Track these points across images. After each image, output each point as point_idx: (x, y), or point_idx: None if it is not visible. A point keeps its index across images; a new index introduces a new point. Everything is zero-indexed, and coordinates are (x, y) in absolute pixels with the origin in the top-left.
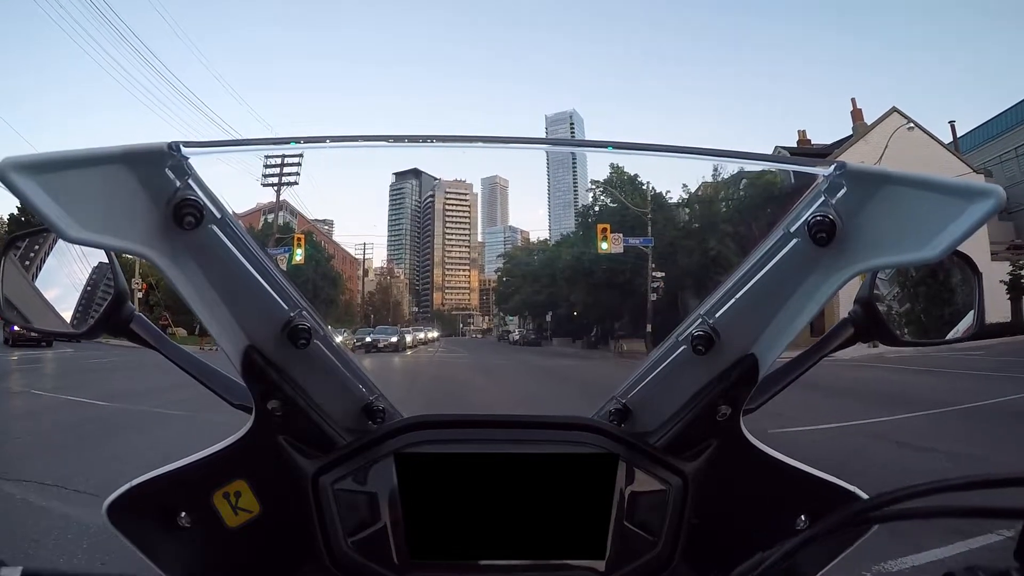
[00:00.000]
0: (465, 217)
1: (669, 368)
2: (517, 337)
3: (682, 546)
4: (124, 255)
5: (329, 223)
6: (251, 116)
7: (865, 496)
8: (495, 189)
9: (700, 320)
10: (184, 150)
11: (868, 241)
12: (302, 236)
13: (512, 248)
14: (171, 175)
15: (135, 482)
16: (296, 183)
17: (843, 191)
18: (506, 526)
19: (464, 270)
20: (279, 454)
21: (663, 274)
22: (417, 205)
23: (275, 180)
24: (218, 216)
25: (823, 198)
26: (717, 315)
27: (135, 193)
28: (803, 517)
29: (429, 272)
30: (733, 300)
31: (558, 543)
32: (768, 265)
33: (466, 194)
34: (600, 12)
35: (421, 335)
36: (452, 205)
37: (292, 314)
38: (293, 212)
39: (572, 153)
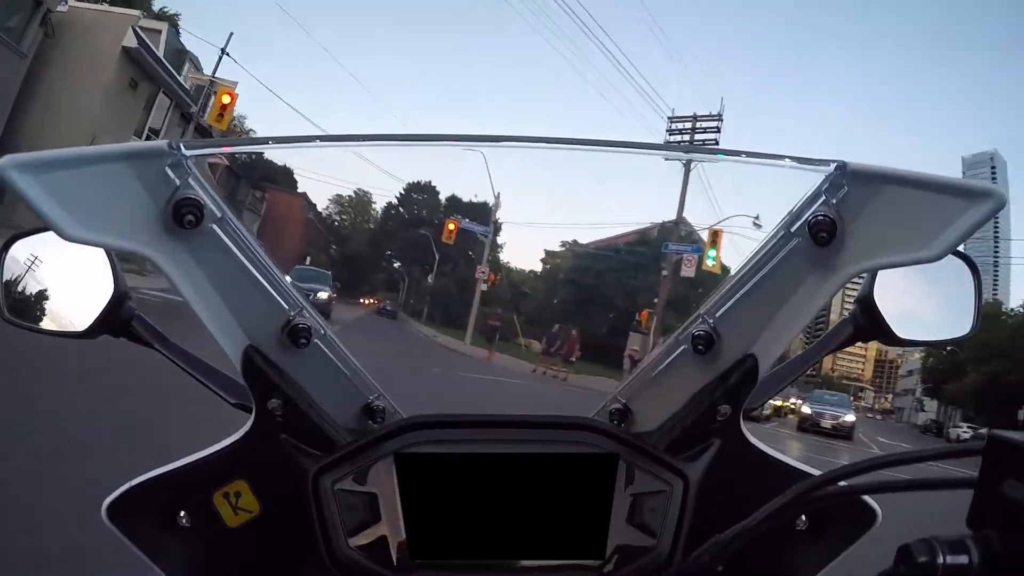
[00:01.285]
0: None
1: (669, 368)
2: (964, 433)
3: (682, 546)
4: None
5: None
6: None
7: (870, 501)
8: None
9: (700, 320)
10: (184, 150)
11: (869, 241)
12: (719, 231)
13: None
14: (171, 174)
15: (135, 482)
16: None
17: (844, 191)
18: (506, 526)
19: None
20: (279, 454)
21: None
22: None
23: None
24: (219, 215)
25: (824, 197)
26: (717, 315)
27: (135, 192)
28: (803, 518)
29: None
30: (733, 300)
31: (558, 543)
32: (768, 265)
33: None
34: None
35: None
36: None
37: (292, 313)
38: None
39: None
